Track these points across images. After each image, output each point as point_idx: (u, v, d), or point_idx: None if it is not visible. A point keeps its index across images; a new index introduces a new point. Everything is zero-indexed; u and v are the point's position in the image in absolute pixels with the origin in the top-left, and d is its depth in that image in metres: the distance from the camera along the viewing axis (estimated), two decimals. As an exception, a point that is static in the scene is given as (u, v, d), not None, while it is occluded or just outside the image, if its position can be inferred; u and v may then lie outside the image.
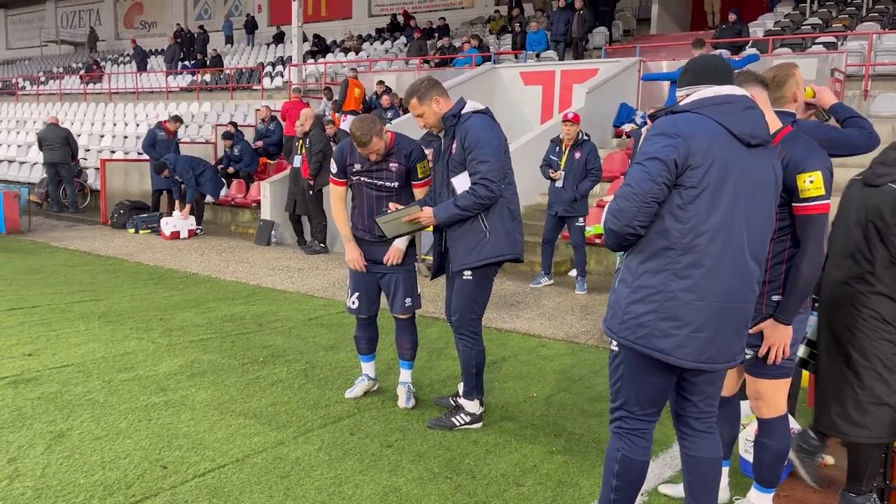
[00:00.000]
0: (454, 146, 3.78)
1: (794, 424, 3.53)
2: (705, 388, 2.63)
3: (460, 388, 4.11)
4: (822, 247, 2.73)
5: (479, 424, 4.05)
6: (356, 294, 4.31)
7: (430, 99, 3.83)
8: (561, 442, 3.89)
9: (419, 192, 4.18)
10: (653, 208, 2.41)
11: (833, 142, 3.22)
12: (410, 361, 4.41)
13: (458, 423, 4.01)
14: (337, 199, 4.30)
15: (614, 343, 2.59)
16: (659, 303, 2.42)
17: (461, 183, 3.76)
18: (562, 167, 7.68)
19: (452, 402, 4.21)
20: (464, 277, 3.85)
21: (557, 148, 7.83)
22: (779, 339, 2.81)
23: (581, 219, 7.78)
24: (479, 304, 3.91)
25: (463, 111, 3.81)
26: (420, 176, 4.15)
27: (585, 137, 7.79)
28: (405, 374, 4.41)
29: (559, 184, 7.69)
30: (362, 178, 4.16)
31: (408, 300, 4.25)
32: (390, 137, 4.13)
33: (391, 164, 4.11)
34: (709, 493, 2.69)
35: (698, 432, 2.69)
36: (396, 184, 4.14)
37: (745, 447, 3.44)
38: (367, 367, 4.53)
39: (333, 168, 4.24)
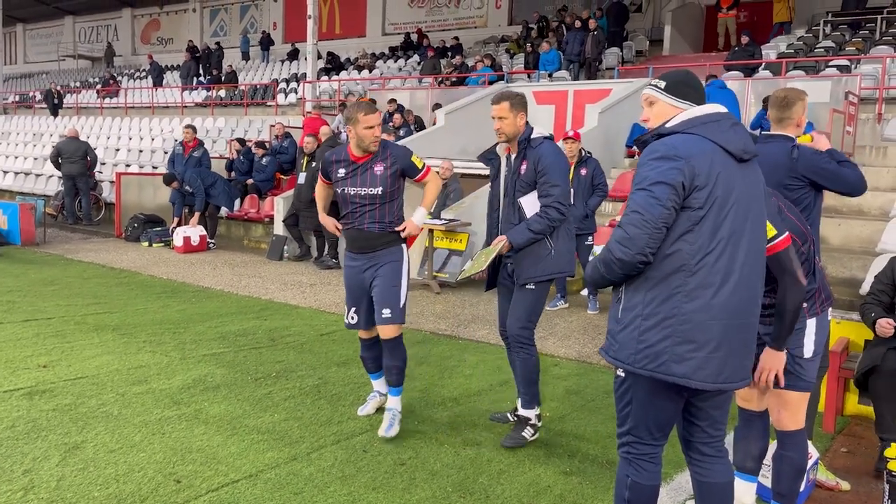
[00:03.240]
0: (524, 167, 4.00)
1: (812, 450, 3.49)
2: (712, 412, 2.62)
3: (519, 403, 4.19)
4: (798, 277, 2.75)
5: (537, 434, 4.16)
6: (353, 309, 4.29)
7: (518, 111, 3.99)
8: (575, 462, 3.87)
9: (427, 187, 4.26)
10: (662, 233, 2.39)
11: (827, 172, 3.33)
12: (398, 388, 4.23)
13: (528, 437, 4.09)
14: (319, 187, 4.43)
15: (620, 370, 2.57)
16: (673, 327, 2.40)
17: (529, 203, 4.00)
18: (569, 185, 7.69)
19: (511, 418, 4.28)
20: (527, 288, 4.03)
21: (561, 167, 7.86)
22: (775, 364, 2.86)
23: (590, 237, 7.78)
24: (537, 314, 4.11)
25: (533, 136, 4.01)
26: (420, 166, 4.21)
27: (588, 154, 7.82)
28: (392, 401, 4.23)
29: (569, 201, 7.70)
30: (346, 189, 4.13)
31: (386, 311, 4.08)
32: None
33: (376, 167, 4.11)
34: (724, 517, 2.67)
35: (708, 457, 2.67)
36: (380, 189, 4.08)
37: (763, 471, 3.41)
38: (378, 384, 4.52)
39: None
